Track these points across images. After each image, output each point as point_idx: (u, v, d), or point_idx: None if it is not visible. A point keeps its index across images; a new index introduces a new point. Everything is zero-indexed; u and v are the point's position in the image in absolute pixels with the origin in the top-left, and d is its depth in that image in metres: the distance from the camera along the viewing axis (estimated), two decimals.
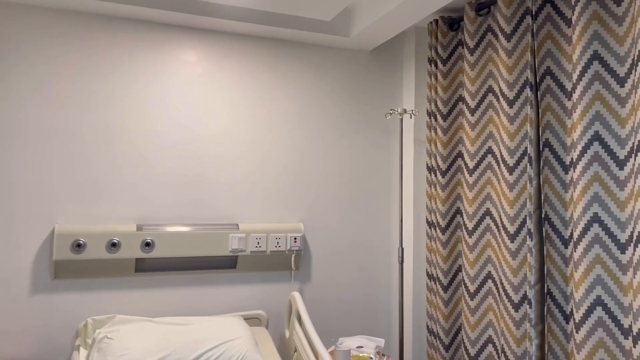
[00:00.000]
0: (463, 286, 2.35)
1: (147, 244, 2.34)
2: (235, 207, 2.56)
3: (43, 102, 2.27)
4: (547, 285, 1.94)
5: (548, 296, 1.94)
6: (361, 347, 2.37)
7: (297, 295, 2.35)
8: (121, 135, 2.38)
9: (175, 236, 2.39)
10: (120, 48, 2.39)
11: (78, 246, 2.24)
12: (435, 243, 2.51)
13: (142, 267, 2.38)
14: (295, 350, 2.26)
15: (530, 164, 1.98)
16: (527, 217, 1.97)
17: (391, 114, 2.70)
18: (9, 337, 2.20)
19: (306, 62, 2.71)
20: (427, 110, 2.58)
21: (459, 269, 2.44)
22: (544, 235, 1.96)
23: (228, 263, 2.51)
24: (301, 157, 2.67)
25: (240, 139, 2.57)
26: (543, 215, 1.97)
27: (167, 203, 2.44)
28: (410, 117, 2.69)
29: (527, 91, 2.03)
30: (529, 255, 1.94)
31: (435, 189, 2.52)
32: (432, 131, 2.55)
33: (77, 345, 2.15)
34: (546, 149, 1.98)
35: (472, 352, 2.26)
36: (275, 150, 2.63)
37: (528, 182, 1.99)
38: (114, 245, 2.29)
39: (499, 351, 2.13)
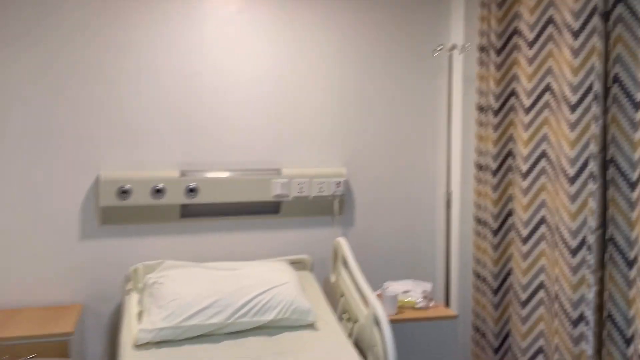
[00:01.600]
0: (514, 231, 2.27)
1: (191, 190, 2.32)
2: (278, 153, 2.50)
3: (84, 48, 2.21)
4: (610, 231, 1.84)
5: (610, 242, 1.84)
6: (408, 291, 2.35)
7: (342, 240, 2.32)
8: (163, 80, 2.32)
9: (219, 182, 2.37)
10: None
11: (123, 192, 2.25)
12: (485, 186, 2.41)
13: (187, 212, 2.38)
14: (342, 295, 2.26)
15: (597, 102, 1.82)
16: (590, 159, 1.84)
17: (439, 50, 2.53)
18: (61, 282, 2.27)
19: None
20: (479, 44, 2.40)
21: (510, 213, 2.35)
22: (607, 178, 1.84)
23: (271, 208, 2.49)
24: (344, 99, 2.56)
25: (282, 82, 2.47)
26: (608, 158, 1.84)
27: (210, 149, 2.40)
28: (460, 53, 2.52)
29: (596, 20, 1.84)
30: (590, 199, 1.83)
31: (486, 130, 2.39)
32: (484, 67, 2.39)
33: (128, 289, 2.20)
34: (615, 85, 1.82)
35: (523, 296, 2.21)
36: (317, 93, 2.52)
37: (592, 121, 1.84)
38: (158, 192, 2.29)
39: (552, 297, 2.07)
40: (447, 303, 2.58)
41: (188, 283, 2.01)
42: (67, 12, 2.19)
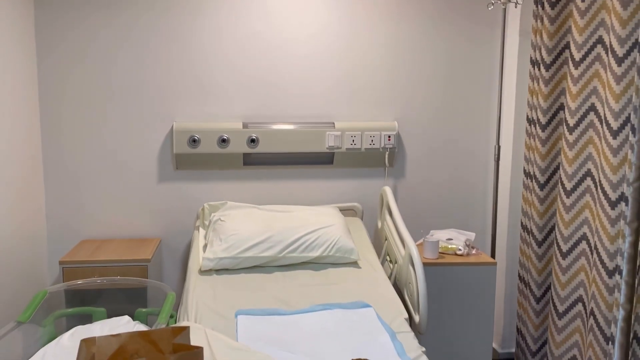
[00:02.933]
0: (560, 184, 2.29)
1: (252, 140, 2.56)
2: (332, 106, 2.66)
3: (162, 13, 2.47)
4: None
5: None
6: (451, 239, 2.47)
7: (387, 189, 2.47)
8: (228, 38, 2.54)
9: (277, 133, 2.58)
10: None
11: (194, 141, 2.53)
12: (534, 140, 2.43)
13: (249, 161, 2.62)
14: (386, 239, 2.43)
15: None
16: (632, 112, 1.83)
17: (493, 3, 2.53)
18: (143, 219, 2.62)
19: None
20: None
21: (557, 167, 2.37)
22: None
23: (325, 159, 2.67)
24: (396, 54, 2.66)
25: (337, 38, 2.60)
26: None
27: (270, 103, 2.61)
28: (515, 6, 2.51)
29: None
30: (629, 152, 1.84)
31: (538, 84, 2.40)
32: (539, 21, 2.37)
33: (197, 225, 2.51)
34: None
35: (565, 248, 2.26)
36: (369, 48, 2.64)
37: (636, 75, 1.82)
38: (224, 141, 2.54)
39: (592, 248, 2.11)
40: (492, 253, 2.67)
41: (246, 221, 2.27)
42: None
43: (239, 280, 2.08)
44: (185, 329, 0.80)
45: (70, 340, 1.84)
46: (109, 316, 2.07)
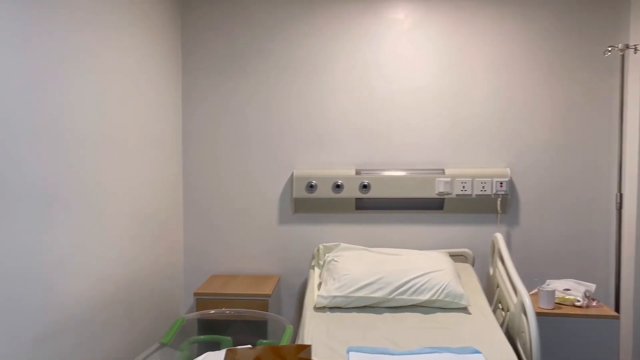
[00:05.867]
0: None
1: (365, 186, 2.72)
2: (442, 153, 2.75)
3: (283, 72, 2.79)
4: None
5: None
6: (568, 289, 2.38)
7: (499, 235, 2.46)
8: (343, 92, 2.77)
9: (388, 180, 2.72)
10: (337, 18, 2.74)
11: (311, 187, 2.75)
12: None
13: (361, 205, 2.78)
14: (498, 286, 2.41)
15: None
16: None
17: (610, 50, 2.49)
18: (264, 257, 2.87)
19: (511, 3, 2.67)
20: None
21: None
22: None
23: (435, 204, 2.74)
24: (508, 101, 2.69)
25: (446, 89, 2.72)
26: None
27: (382, 151, 2.77)
28: (635, 52, 2.44)
29: None
30: None
31: None
32: None
33: (312, 265, 2.69)
34: None
35: None
36: (480, 96, 2.71)
37: None
38: (338, 187, 2.73)
39: None
40: (617, 306, 2.51)
41: (357, 262, 2.41)
42: (271, 47, 2.78)
43: (351, 319, 2.19)
44: (308, 347, 0.93)
45: None
46: (234, 345, 2.29)
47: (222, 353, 2.13)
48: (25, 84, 1.53)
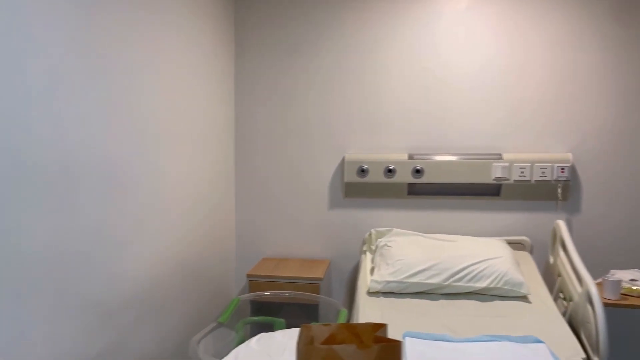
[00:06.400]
0: None
1: (417, 171, 2.66)
2: (499, 138, 2.65)
3: (334, 52, 2.75)
4: None
5: None
6: (635, 280, 2.26)
7: (561, 223, 2.36)
8: (396, 74, 2.70)
9: (442, 164, 2.65)
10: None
11: (362, 171, 2.71)
12: None
13: (413, 190, 2.72)
14: (559, 275, 2.31)
15: None
16: None
17: None
18: (315, 241, 2.86)
19: None
20: None
21: None
22: None
23: (491, 190, 2.65)
24: (570, 83, 2.56)
25: (504, 70, 2.61)
26: None
27: (436, 134, 2.70)
28: None
29: None
30: None
31: None
32: None
33: (364, 250, 2.66)
34: None
35: None
36: (540, 78, 2.59)
37: None
38: (390, 171, 2.68)
39: None
40: None
41: (411, 248, 2.36)
42: (324, 29, 2.74)
43: (405, 304, 2.16)
44: (384, 326, 0.91)
45: (257, 344, 2.09)
46: (287, 327, 2.30)
47: (276, 334, 2.14)
48: (99, 77, 1.55)
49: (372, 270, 2.43)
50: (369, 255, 2.59)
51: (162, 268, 2.03)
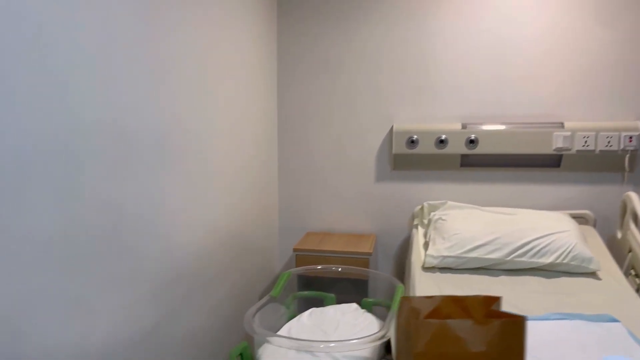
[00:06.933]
0: None
1: (471, 141, 2.51)
2: (560, 105, 2.48)
3: (379, 17, 2.60)
4: None
5: None
6: None
7: (633, 195, 2.19)
8: (447, 40, 2.54)
9: (498, 134, 2.49)
10: None
11: (412, 142, 2.58)
12: None
13: (466, 162, 2.58)
14: (630, 251, 2.16)
15: None
16: None
17: None
18: (360, 215, 2.75)
19: None
20: None
21: None
22: None
23: (551, 161, 2.49)
24: (639, 47, 2.36)
25: (566, 32, 2.42)
26: None
27: (490, 102, 2.54)
28: None
29: None
30: None
31: None
32: None
33: (415, 224, 2.54)
34: None
35: None
36: (606, 41, 2.39)
37: None
38: (441, 142, 2.54)
39: None
40: None
41: (468, 221, 2.23)
42: None
43: (464, 280, 2.04)
44: (498, 299, 0.80)
45: (309, 319, 2.01)
46: (337, 302, 2.22)
47: (327, 310, 2.06)
48: (152, 38, 1.46)
49: (425, 245, 2.31)
50: (420, 230, 2.47)
51: (212, 239, 1.96)
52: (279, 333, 1.84)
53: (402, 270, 2.73)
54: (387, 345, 1.90)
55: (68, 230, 1.16)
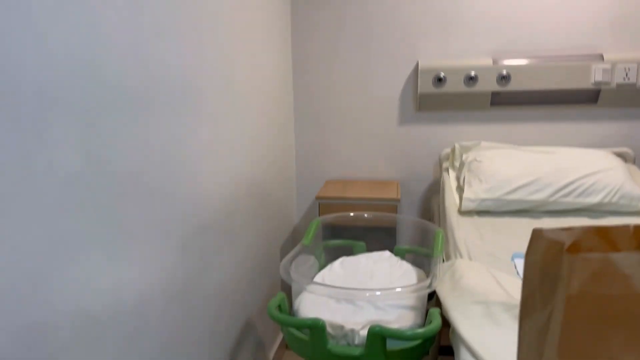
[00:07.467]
0: None
1: (503, 78, 2.34)
2: (598, 36, 2.30)
3: None
4: None
5: None
6: None
7: None
8: None
9: (531, 69, 2.32)
10: None
11: (439, 80, 2.40)
12: None
13: (498, 100, 2.42)
14: None
15: None
16: None
17: None
18: (382, 161, 2.61)
19: None
20: None
21: None
22: None
23: (588, 97, 2.34)
24: None
25: None
26: None
27: (523, 35, 2.35)
28: None
29: None
30: None
31: None
32: None
33: (445, 167, 2.40)
34: None
35: None
36: None
37: None
38: (471, 79, 2.37)
39: None
40: None
41: (505, 162, 2.10)
42: None
43: (504, 224, 1.93)
44: None
45: (340, 267, 1.90)
46: (367, 250, 2.10)
47: (359, 258, 1.94)
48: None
49: (459, 188, 2.18)
50: (452, 173, 2.33)
51: (238, 185, 1.82)
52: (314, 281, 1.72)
53: (427, 218, 2.61)
54: (429, 294, 1.80)
55: (92, 167, 1.01)
